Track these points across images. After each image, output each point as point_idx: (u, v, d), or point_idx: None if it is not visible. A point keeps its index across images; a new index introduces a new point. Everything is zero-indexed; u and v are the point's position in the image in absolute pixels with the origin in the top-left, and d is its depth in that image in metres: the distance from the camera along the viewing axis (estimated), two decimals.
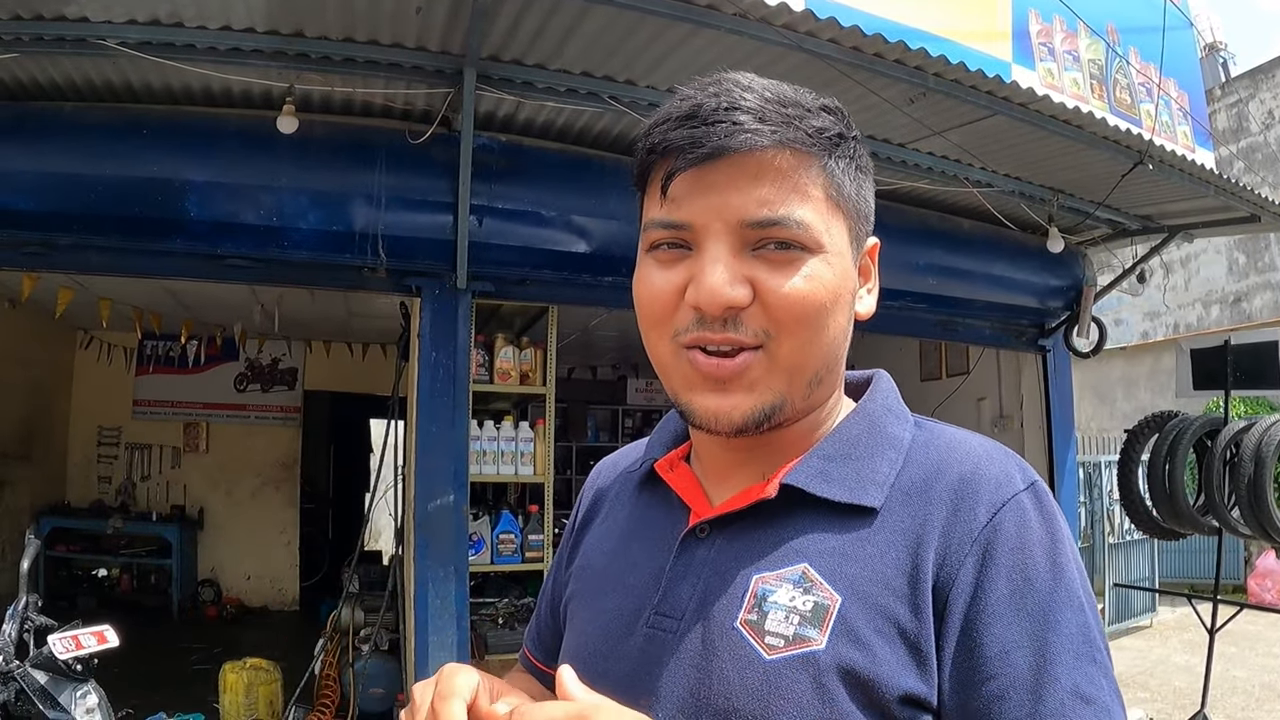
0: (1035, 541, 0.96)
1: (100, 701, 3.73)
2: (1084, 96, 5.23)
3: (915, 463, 1.05)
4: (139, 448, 11.36)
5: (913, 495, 1.02)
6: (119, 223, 4.76)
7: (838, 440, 1.08)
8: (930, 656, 0.94)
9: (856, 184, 1.06)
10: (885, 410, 1.13)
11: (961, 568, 0.95)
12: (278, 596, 11.53)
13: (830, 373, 1.07)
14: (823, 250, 1.01)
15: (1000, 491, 0.99)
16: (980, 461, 1.02)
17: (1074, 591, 0.95)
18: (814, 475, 1.04)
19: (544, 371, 5.70)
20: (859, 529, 1.01)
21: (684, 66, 4.39)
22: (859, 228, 1.08)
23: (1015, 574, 0.94)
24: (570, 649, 1.18)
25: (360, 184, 4.91)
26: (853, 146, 1.06)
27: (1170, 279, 16.50)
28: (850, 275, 1.06)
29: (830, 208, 1.02)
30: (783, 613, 0.97)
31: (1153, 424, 7.04)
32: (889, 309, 6.34)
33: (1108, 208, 6.31)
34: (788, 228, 0.98)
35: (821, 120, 1.02)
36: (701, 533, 1.08)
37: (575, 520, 1.36)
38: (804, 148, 1.00)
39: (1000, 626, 0.92)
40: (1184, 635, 10.10)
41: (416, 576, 5.10)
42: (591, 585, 1.21)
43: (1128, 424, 7.72)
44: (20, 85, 4.70)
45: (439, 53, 4.43)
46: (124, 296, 8.27)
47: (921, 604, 0.95)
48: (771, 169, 0.99)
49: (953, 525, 0.97)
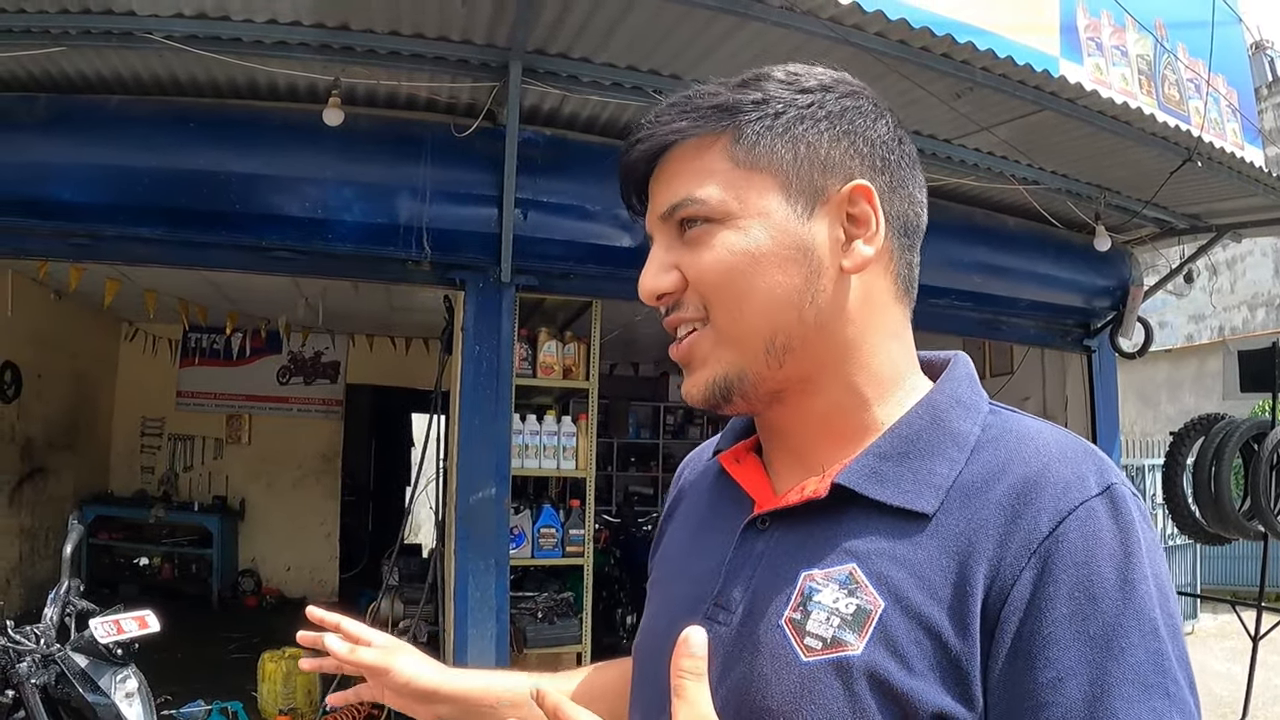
0: (1105, 555, 0.87)
1: (140, 686, 3.75)
2: (1132, 92, 5.17)
3: (980, 459, 0.98)
4: (182, 438, 11.47)
5: (971, 496, 0.95)
6: (164, 214, 4.82)
7: (896, 436, 1.02)
8: (973, 677, 0.88)
9: (790, 139, 1.03)
10: (953, 402, 1.05)
11: (1017, 582, 0.88)
12: (317, 587, 11.58)
13: (804, 340, 1.03)
14: (734, 218, 1.02)
15: (1068, 497, 0.90)
16: (1050, 460, 0.94)
17: (1147, 614, 0.86)
18: (866, 475, 0.99)
19: (587, 366, 5.70)
20: (912, 533, 0.95)
21: (730, 59, 4.38)
22: (806, 178, 1.03)
23: (1078, 591, 0.86)
24: (641, 634, 1.19)
25: (405, 177, 4.93)
26: (782, 104, 1.04)
27: (1216, 280, 16.33)
28: (788, 232, 1.02)
29: (742, 175, 1.03)
30: (825, 614, 0.94)
31: (1199, 427, 6.97)
32: (934, 306, 6.29)
33: (1155, 206, 6.23)
34: (687, 206, 1.03)
35: (729, 96, 1.04)
36: (762, 525, 1.06)
37: (664, 510, 1.37)
38: (699, 129, 1.04)
39: (1056, 650, 0.85)
40: (1226, 642, 9.97)
41: (457, 569, 5.11)
42: (666, 573, 1.22)
43: (1172, 427, 7.64)
44: (68, 79, 4.76)
45: (484, 46, 4.44)
46: (169, 288, 8.35)
47: (969, 619, 0.89)
48: (677, 161, 1.06)
49: (1011, 534, 0.90)
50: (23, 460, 9.37)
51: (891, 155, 1.07)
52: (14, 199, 4.71)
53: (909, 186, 1.08)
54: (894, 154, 1.07)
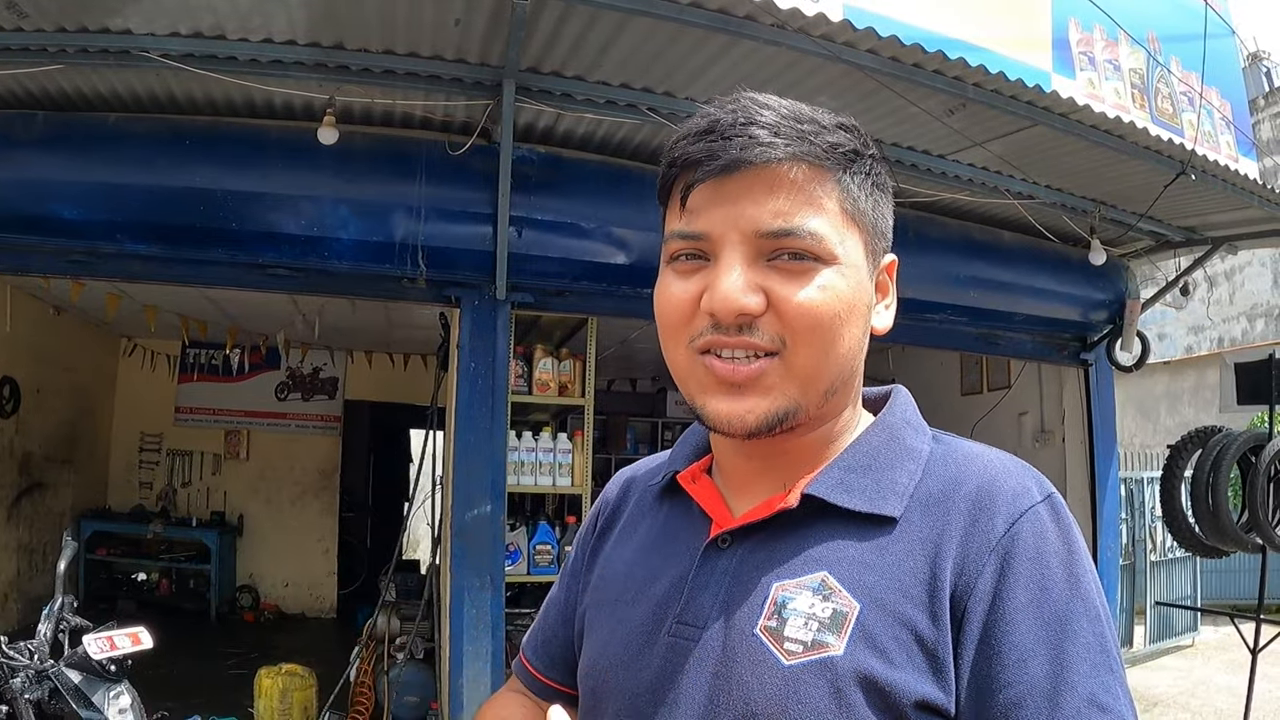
0: (1052, 552, 0.98)
1: (133, 702, 3.76)
2: (1125, 106, 5.19)
3: (934, 475, 1.07)
4: (180, 454, 11.47)
5: (931, 506, 1.03)
6: (162, 232, 4.83)
7: (858, 452, 1.11)
8: (947, 664, 0.96)
9: (873, 200, 1.09)
10: (904, 423, 1.15)
11: (980, 576, 0.97)
12: (315, 603, 11.60)
13: (845, 384, 1.10)
14: (836, 261, 1.03)
15: (1017, 503, 1.01)
16: (998, 474, 1.04)
17: (1091, 602, 0.97)
18: (835, 486, 1.06)
19: (583, 383, 5.71)
20: (878, 538, 1.03)
21: (723, 77, 4.40)
22: (875, 243, 1.10)
23: (1033, 583, 0.96)
24: (590, 659, 1.20)
25: (400, 195, 4.94)
26: (869, 164, 1.08)
27: (1214, 292, 16.33)
28: (865, 288, 1.08)
29: (845, 221, 1.05)
30: (802, 619, 0.99)
31: (1196, 439, 6.96)
32: (930, 322, 6.30)
33: (1150, 219, 6.24)
34: (801, 238, 1.01)
35: (837, 137, 1.05)
36: (723, 543, 1.10)
37: (592, 530, 1.36)
38: (818, 162, 1.03)
39: (1018, 634, 0.94)
40: (1226, 655, 9.94)
41: (453, 586, 5.11)
42: (611, 595, 1.21)
43: (1170, 439, 7.62)
44: (66, 96, 4.77)
45: (478, 64, 4.46)
46: (168, 304, 8.37)
47: (939, 612, 0.97)
48: (786, 182, 1.01)
49: (971, 535, 0.99)
50: (21, 475, 9.36)
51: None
52: (12, 216, 4.72)
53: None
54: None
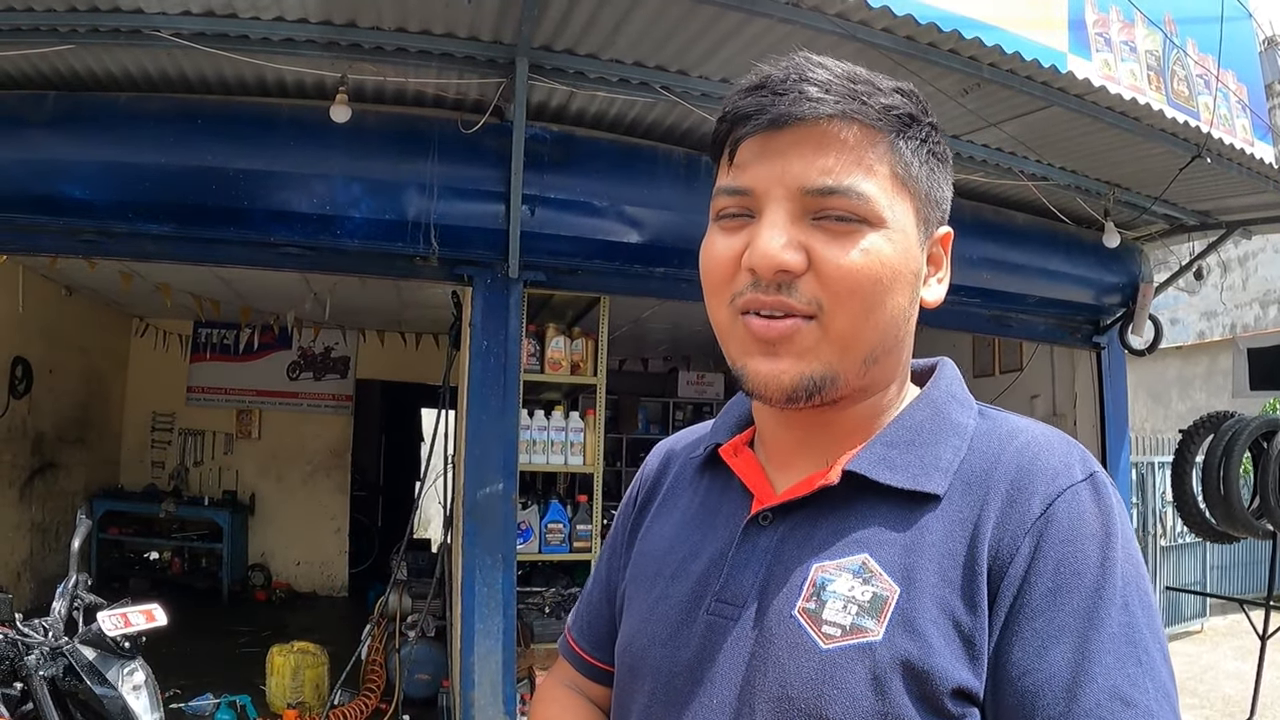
0: (1088, 534, 0.94)
1: (147, 679, 3.76)
2: (1141, 88, 5.13)
3: (978, 451, 1.04)
4: (192, 433, 11.51)
5: (973, 484, 1.01)
6: (173, 211, 4.83)
7: (901, 427, 1.08)
8: (982, 649, 0.93)
9: (928, 168, 1.06)
10: (949, 397, 1.12)
11: (1014, 559, 0.94)
12: (326, 582, 11.65)
13: (889, 354, 1.06)
14: (884, 225, 1.00)
15: (1057, 481, 0.97)
16: (1040, 450, 1.01)
17: (1124, 588, 0.93)
18: (877, 462, 1.04)
19: (595, 362, 5.71)
20: (920, 518, 1.00)
21: (737, 56, 4.38)
22: (928, 211, 1.07)
23: (1063, 567, 0.93)
24: (628, 635, 1.18)
25: (413, 173, 4.93)
26: (925, 130, 1.05)
27: (1227, 278, 16.25)
28: (914, 256, 1.05)
29: (895, 185, 1.02)
30: (840, 602, 0.97)
31: (1208, 424, 6.94)
32: (942, 303, 6.27)
33: (1165, 202, 6.21)
34: (848, 198, 0.98)
35: (892, 99, 1.02)
36: (765, 520, 1.08)
37: (633, 502, 1.34)
38: (870, 123, 1.00)
39: (1042, 620, 0.92)
40: (1235, 641, 9.93)
41: (464, 564, 5.12)
42: (650, 571, 1.19)
43: (1182, 424, 7.60)
44: (77, 76, 4.78)
45: (491, 42, 4.44)
46: (179, 284, 8.38)
47: (977, 596, 0.94)
48: (836, 140, 0.99)
49: (1008, 515, 0.97)
50: (33, 455, 9.41)
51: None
52: (24, 196, 4.73)
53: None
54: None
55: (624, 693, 1.16)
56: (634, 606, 1.19)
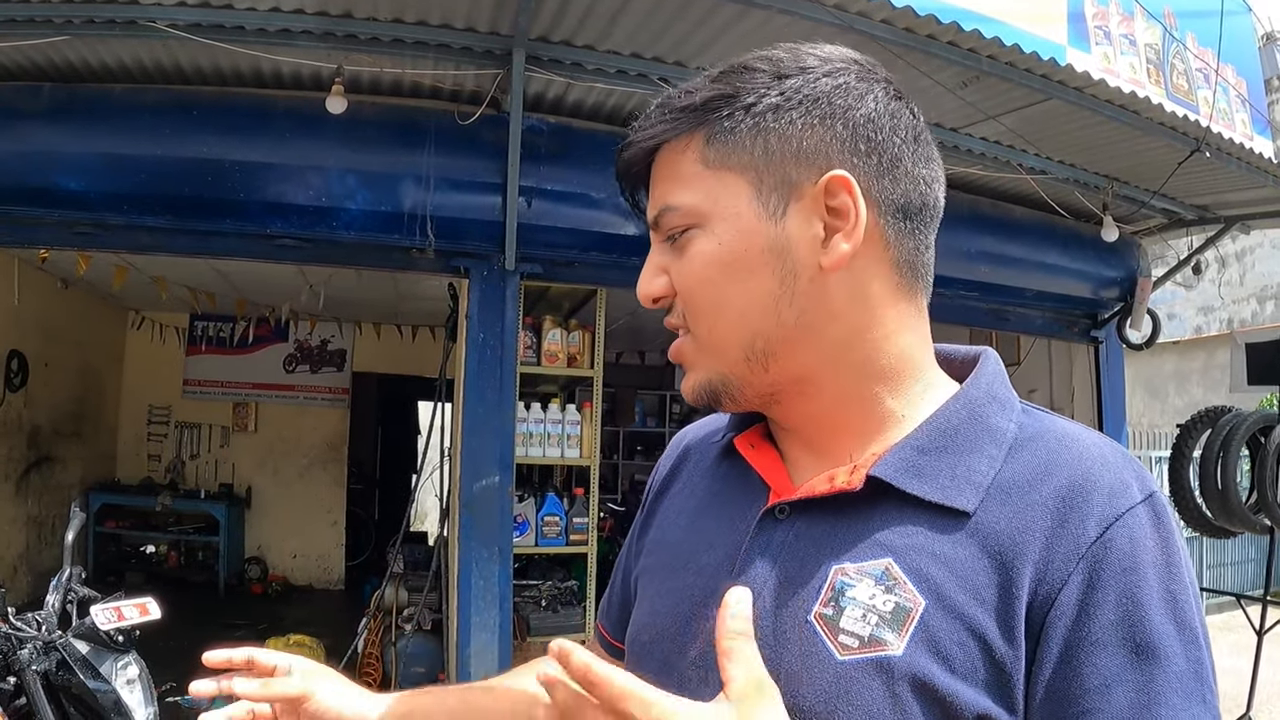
0: (1150, 563, 0.87)
1: (141, 672, 3.75)
2: (1140, 81, 5.12)
3: (1019, 459, 0.96)
4: (188, 427, 11.50)
5: (1013, 496, 0.93)
6: (169, 203, 4.81)
7: (933, 429, 0.99)
8: (1016, 680, 0.87)
9: (762, 132, 0.98)
10: (989, 398, 1.02)
11: (1065, 586, 0.87)
12: (323, 575, 11.65)
13: (790, 342, 0.99)
14: (708, 223, 1.00)
15: (1115, 503, 0.89)
16: (1094, 466, 0.93)
17: (1189, 622, 0.87)
18: (904, 469, 0.96)
19: (592, 354, 5.70)
20: (951, 530, 0.92)
21: (734, 47, 4.31)
22: (776, 176, 0.98)
23: (1125, 599, 0.86)
24: (638, 626, 1.14)
25: (409, 165, 4.91)
26: (754, 97, 0.98)
27: (1225, 273, 16.25)
28: (758, 233, 0.98)
29: (714, 176, 0.99)
30: (860, 610, 0.91)
31: (1206, 419, 6.94)
32: (939, 296, 6.16)
33: (1164, 196, 6.21)
34: (670, 215, 1.01)
35: (704, 93, 1.00)
36: (781, 514, 1.02)
37: (652, 487, 1.30)
38: (678, 135, 1.01)
39: (1104, 656, 0.85)
40: (1231, 637, 9.91)
41: (461, 557, 5.11)
42: (663, 561, 1.15)
43: (1179, 419, 7.59)
44: (71, 67, 4.75)
45: (488, 33, 4.42)
46: (175, 276, 8.37)
47: (1014, 621, 0.87)
48: (660, 166, 1.04)
49: (1057, 538, 0.89)
50: (29, 449, 9.40)
51: (880, 133, 0.99)
52: (19, 188, 4.71)
53: (907, 163, 1.01)
54: (884, 131, 0.99)
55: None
56: (644, 596, 1.16)
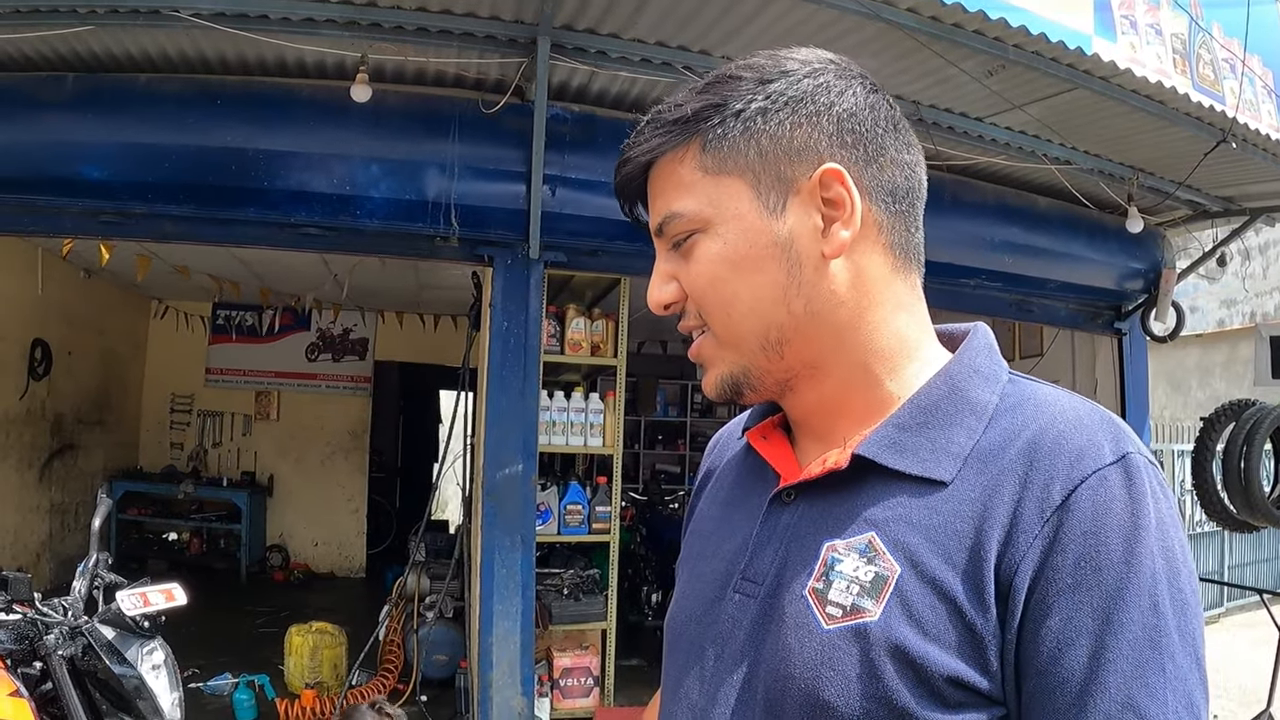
0: (1113, 526, 0.87)
1: (166, 658, 3.77)
2: (1166, 71, 5.08)
3: (998, 426, 0.98)
4: (211, 415, 11.57)
5: (988, 463, 0.95)
6: (193, 192, 4.83)
7: (915, 406, 1.03)
8: (986, 641, 0.89)
9: (754, 135, 1.04)
10: (971, 372, 1.05)
11: (1029, 550, 0.88)
12: (345, 563, 11.70)
13: (802, 332, 1.05)
14: (712, 226, 1.05)
15: (1080, 465, 0.90)
16: (1066, 428, 0.94)
17: (1153, 586, 0.86)
18: (885, 446, 1.00)
19: (615, 343, 5.71)
20: (928, 497, 0.96)
21: (759, 36, 4.35)
22: (772, 175, 1.04)
23: (1084, 562, 0.86)
24: (671, 612, 1.22)
25: (433, 153, 4.93)
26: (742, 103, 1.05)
27: (1249, 265, 16.14)
28: (762, 230, 1.04)
29: (713, 181, 1.05)
30: (845, 582, 0.96)
31: (1229, 412, 6.90)
32: (963, 287, 6.25)
33: (1189, 188, 6.16)
34: (674, 223, 1.07)
35: (693, 105, 1.06)
36: (788, 498, 1.08)
37: (695, 488, 1.39)
38: (672, 148, 1.06)
39: (1057, 620, 0.86)
40: (1253, 632, 9.86)
41: (483, 545, 5.13)
42: (696, 550, 1.23)
43: (1202, 412, 7.55)
44: (96, 58, 4.78)
45: (512, 22, 4.42)
46: (198, 265, 8.40)
47: (983, 584, 0.90)
48: (659, 178, 1.09)
49: (1024, 501, 0.91)
50: (53, 437, 9.46)
51: (863, 125, 1.05)
52: (44, 178, 4.74)
53: (891, 150, 1.07)
54: (866, 123, 1.05)
55: (666, 666, 1.18)
56: (680, 583, 1.24)
